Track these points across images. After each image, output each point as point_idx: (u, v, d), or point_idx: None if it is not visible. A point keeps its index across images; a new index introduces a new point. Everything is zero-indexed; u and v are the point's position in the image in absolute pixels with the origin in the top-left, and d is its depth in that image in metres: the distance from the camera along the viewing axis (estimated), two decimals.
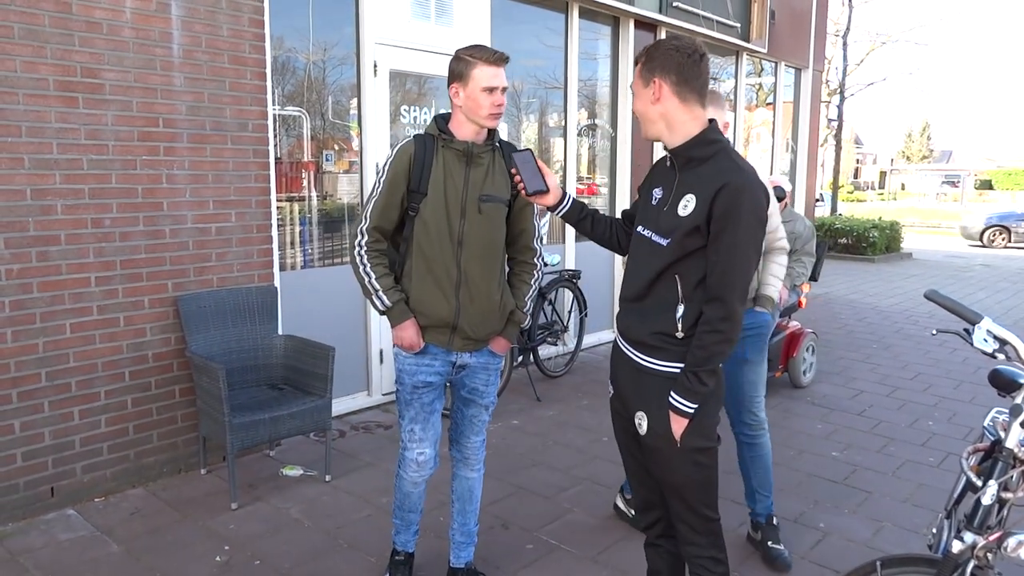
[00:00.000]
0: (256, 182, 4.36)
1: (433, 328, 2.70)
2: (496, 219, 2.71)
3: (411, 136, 2.74)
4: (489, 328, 2.76)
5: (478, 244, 2.67)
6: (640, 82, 2.21)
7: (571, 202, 2.49)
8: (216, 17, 4.09)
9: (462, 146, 2.65)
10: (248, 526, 3.60)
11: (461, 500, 3.03)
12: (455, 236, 2.65)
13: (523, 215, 2.80)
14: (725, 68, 9.23)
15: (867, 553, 3.41)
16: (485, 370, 2.86)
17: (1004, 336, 2.04)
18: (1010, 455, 1.96)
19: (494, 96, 2.60)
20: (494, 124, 2.65)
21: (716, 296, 2.10)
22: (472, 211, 2.66)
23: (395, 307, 2.67)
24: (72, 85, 3.61)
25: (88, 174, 3.70)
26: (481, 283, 2.69)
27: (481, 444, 2.99)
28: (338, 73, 5.12)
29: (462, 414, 2.93)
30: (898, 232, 15.78)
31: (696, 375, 2.11)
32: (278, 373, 4.35)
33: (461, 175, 2.66)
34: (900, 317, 9.15)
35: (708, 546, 2.31)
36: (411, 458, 2.85)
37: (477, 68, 2.58)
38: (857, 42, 27.31)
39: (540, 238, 2.90)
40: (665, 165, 2.30)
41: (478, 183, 2.67)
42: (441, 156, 2.66)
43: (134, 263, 3.90)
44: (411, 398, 2.79)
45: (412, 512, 3.02)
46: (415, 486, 2.93)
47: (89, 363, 3.79)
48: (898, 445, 4.77)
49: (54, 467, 3.72)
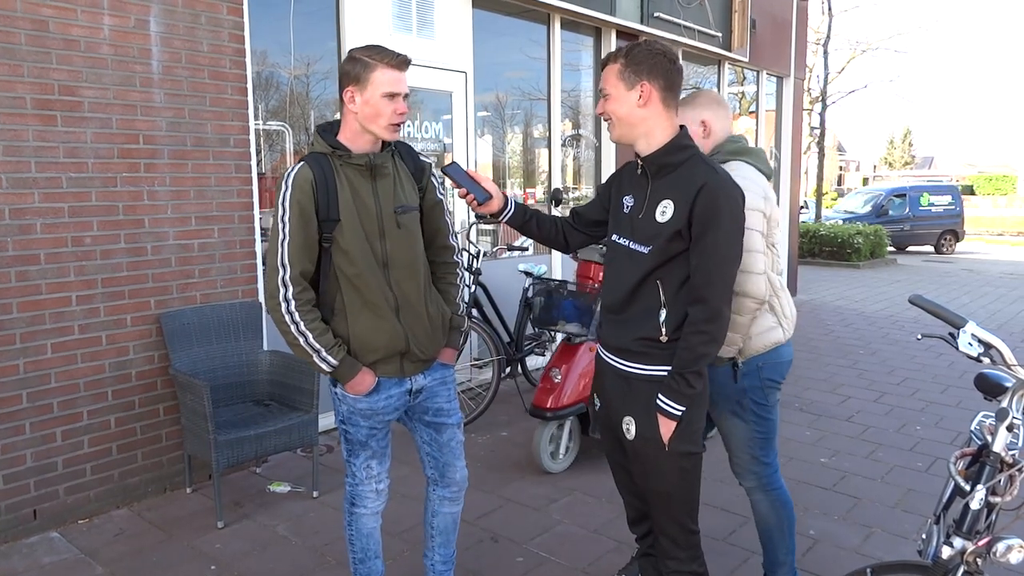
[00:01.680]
0: (239, 197, 4.33)
1: (382, 360, 2.47)
2: (415, 229, 2.51)
3: (299, 162, 2.40)
4: (436, 343, 2.57)
5: (404, 260, 2.45)
6: (622, 84, 2.17)
7: (514, 206, 2.46)
8: (195, 33, 4.07)
9: (363, 160, 2.37)
10: (234, 544, 3.55)
11: (444, 533, 2.80)
12: (380, 258, 2.41)
13: (434, 214, 2.59)
14: (707, 77, 9.29)
15: (857, 560, 3.40)
16: (443, 385, 2.63)
17: (988, 340, 2.05)
18: (997, 459, 1.96)
19: (396, 103, 2.33)
20: (394, 137, 2.39)
21: (700, 298, 2.11)
22: (391, 227, 2.42)
23: (342, 364, 2.40)
24: (50, 103, 3.58)
25: (67, 192, 3.66)
26: (417, 300, 2.49)
27: (466, 472, 2.75)
28: (321, 87, 5.11)
29: (436, 443, 2.67)
30: (882, 238, 15.90)
31: (683, 377, 2.12)
32: (263, 389, 4.31)
33: (369, 191, 2.40)
34: (886, 322, 9.20)
35: (688, 560, 2.30)
36: (369, 490, 2.62)
37: (377, 71, 2.30)
38: (838, 50, 27.55)
39: (454, 234, 2.69)
40: (635, 172, 2.28)
41: (388, 195, 2.43)
42: (343, 175, 2.38)
43: (116, 281, 3.86)
44: (367, 439, 2.55)
45: (375, 558, 2.72)
46: (375, 518, 2.68)
47: (71, 383, 3.74)
48: (886, 450, 4.77)
49: (36, 489, 3.66)
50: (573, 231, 2.53)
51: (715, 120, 2.78)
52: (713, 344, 2.12)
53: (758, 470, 2.81)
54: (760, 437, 2.77)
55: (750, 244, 2.51)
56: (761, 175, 2.72)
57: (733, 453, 2.85)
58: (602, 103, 2.24)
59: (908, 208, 18.82)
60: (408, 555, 3.43)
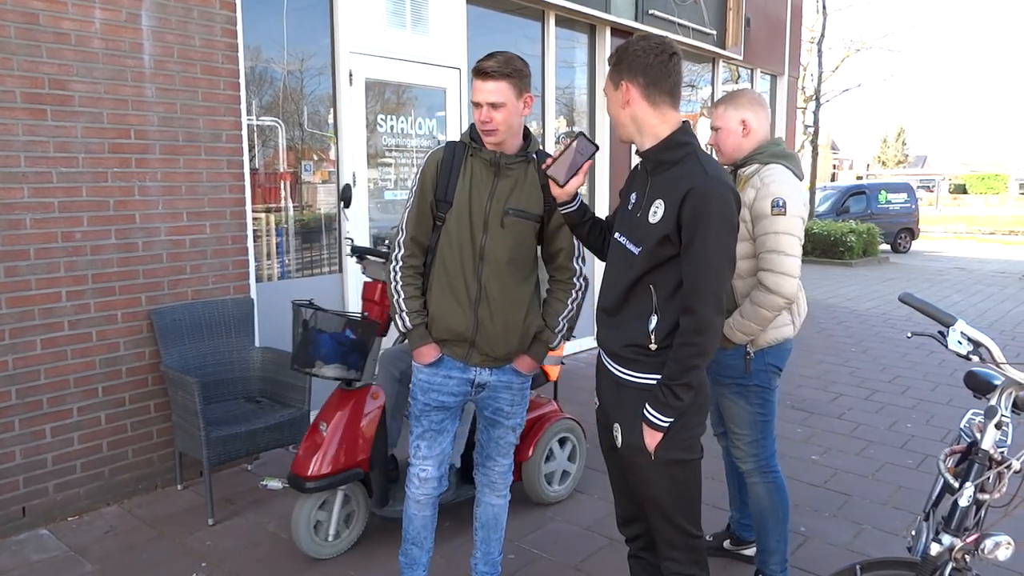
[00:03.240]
0: (231, 193, 4.31)
1: (451, 341, 2.60)
2: (521, 234, 2.55)
3: (442, 143, 2.62)
4: (509, 347, 2.61)
5: (499, 259, 2.52)
6: (610, 85, 2.17)
7: (579, 203, 2.37)
8: (187, 27, 4.05)
9: (490, 156, 2.51)
10: (225, 542, 3.54)
11: (485, 527, 2.90)
12: (476, 249, 2.52)
13: (560, 234, 2.62)
14: (702, 75, 9.30)
15: (848, 556, 3.42)
16: (508, 389, 2.70)
17: (978, 338, 2.05)
18: (986, 456, 1.96)
19: (480, 111, 2.45)
20: (487, 141, 2.50)
21: (688, 308, 2.02)
22: (495, 224, 2.52)
23: (414, 331, 2.59)
24: (40, 97, 3.56)
25: (57, 187, 3.64)
26: (501, 300, 2.54)
27: (508, 468, 2.85)
28: (315, 83, 5.08)
29: (487, 435, 2.80)
30: (874, 237, 15.94)
31: (670, 389, 2.03)
32: (255, 386, 4.29)
33: (488, 186, 2.53)
34: (877, 320, 9.23)
35: (687, 563, 2.24)
36: (413, 473, 2.76)
37: (474, 79, 2.46)
38: (832, 49, 27.70)
39: (581, 257, 2.70)
40: (639, 169, 2.27)
41: (504, 196, 2.53)
42: (469, 165, 2.55)
43: (106, 277, 3.84)
44: (420, 414, 2.69)
45: (415, 545, 2.84)
46: (420, 507, 2.79)
47: (61, 379, 3.72)
48: (877, 448, 4.79)
49: (25, 486, 3.64)
50: (607, 238, 2.43)
51: (755, 120, 2.89)
52: (702, 357, 2.02)
53: (758, 452, 2.97)
54: (761, 419, 2.94)
55: (790, 248, 2.68)
56: (797, 180, 2.84)
57: (735, 435, 3.00)
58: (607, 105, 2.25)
59: (867, 206, 18.29)
60: None
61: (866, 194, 18.61)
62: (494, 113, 2.43)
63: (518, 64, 2.45)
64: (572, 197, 2.32)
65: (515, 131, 2.51)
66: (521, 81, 2.46)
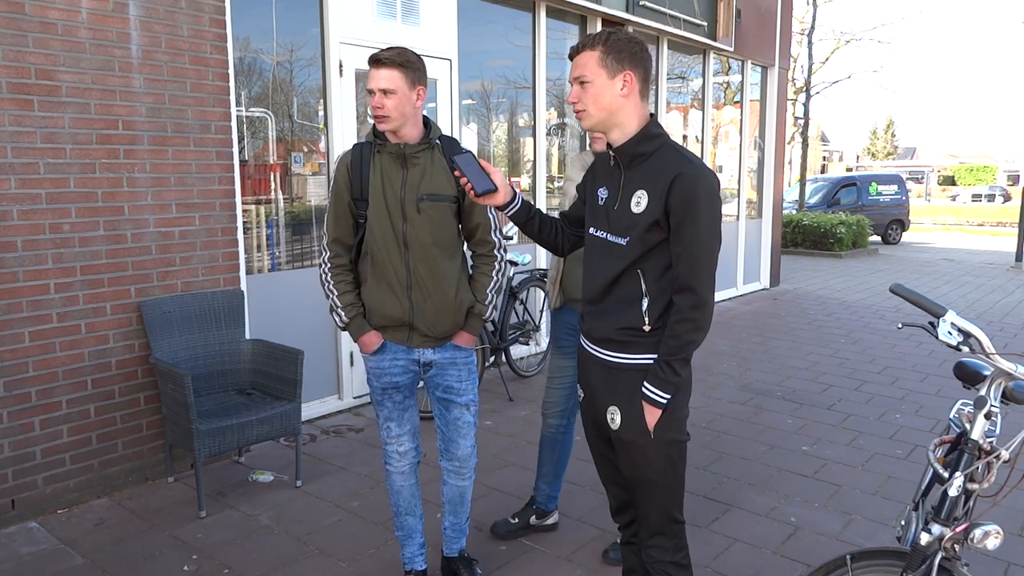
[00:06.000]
0: (220, 184, 4.28)
1: (391, 328, 2.76)
2: (439, 217, 2.68)
3: (350, 146, 2.78)
4: (447, 325, 2.75)
5: (423, 243, 2.66)
6: (604, 72, 2.13)
7: (520, 201, 2.40)
8: (175, 17, 4.02)
9: (395, 148, 2.64)
10: (216, 534, 3.53)
11: (452, 503, 3.03)
12: (399, 238, 2.66)
13: (476, 209, 2.76)
14: (692, 67, 9.29)
15: (837, 547, 3.44)
16: (454, 365, 2.83)
17: (968, 329, 2.06)
18: (975, 446, 1.98)
19: (372, 98, 2.58)
20: (380, 127, 2.61)
21: (686, 286, 2.10)
22: (412, 212, 2.65)
23: (352, 322, 2.76)
24: (27, 87, 3.52)
25: (45, 178, 3.61)
26: (431, 282, 2.69)
27: (472, 451, 2.93)
28: (305, 74, 5.05)
29: (444, 419, 2.90)
30: (864, 228, 16.01)
31: (670, 365, 2.12)
32: (246, 378, 4.28)
33: (398, 177, 2.66)
34: (867, 312, 9.28)
35: (672, 550, 2.30)
36: (392, 450, 2.92)
37: (369, 68, 2.59)
38: (822, 40, 27.69)
39: (498, 229, 2.84)
40: (608, 164, 2.27)
41: (415, 183, 2.66)
42: (378, 161, 2.68)
43: (95, 268, 3.81)
44: (382, 398, 2.84)
45: (409, 515, 2.99)
46: (404, 477, 2.94)
47: (49, 372, 3.70)
48: (867, 438, 4.82)
49: (14, 479, 3.62)
50: (565, 234, 2.51)
51: None
52: (700, 332, 2.12)
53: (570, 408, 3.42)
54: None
55: None
56: None
57: (556, 391, 3.40)
58: (577, 91, 2.17)
59: (858, 197, 18.42)
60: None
61: (857, 186, 18.70)
62: (386, 100, 2.55)
63: (411, 56, 2.60)
64: (511, 197, 2.35)
65: (410, 120, 2.63)
66: (413, 72, 2.59)
